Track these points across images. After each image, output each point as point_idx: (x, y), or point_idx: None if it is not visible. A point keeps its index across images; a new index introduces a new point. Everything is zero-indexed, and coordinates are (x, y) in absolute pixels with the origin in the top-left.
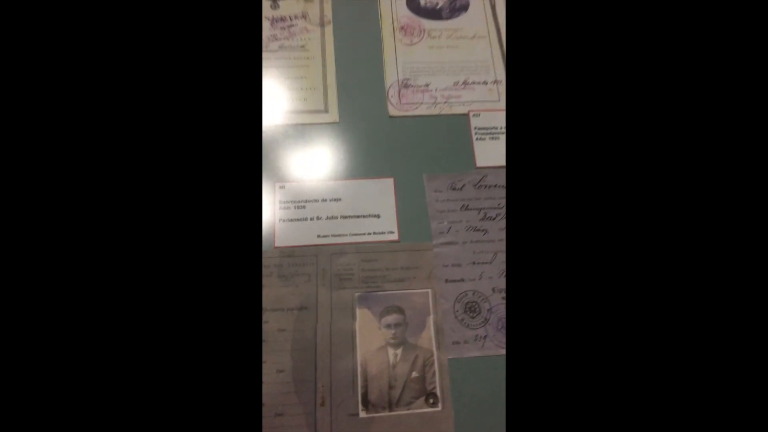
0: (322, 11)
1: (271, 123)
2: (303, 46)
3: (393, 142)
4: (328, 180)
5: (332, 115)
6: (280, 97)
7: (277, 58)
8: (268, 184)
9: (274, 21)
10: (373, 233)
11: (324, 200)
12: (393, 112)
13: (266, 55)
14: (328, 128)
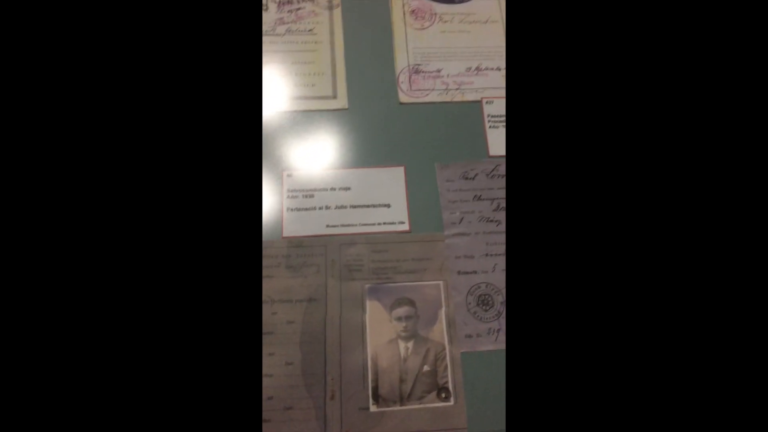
0: None
1: (277, 109)
2: (311, 30)
3: (403, 130)
4: (336, 168)
5: (341, 102)
6: (287, 83)
7: (284, 42)
8: (275, 172)
9: (281, 4)
10: (383, 223)
11: (333, 189)
12: (403, 98)
13: (273, 39)
14: (337, 115)
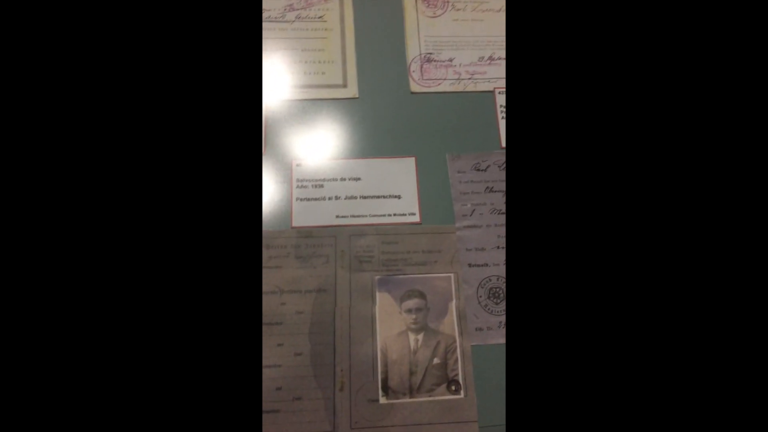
0: None
1: (286, 98)
2: (321, 17)
3: (415, 120)
4: (346, 158)
5: (351, 90)
6: (296, 71)
7: (294, 29)
8: (284, 162)
9: None
10: (394, 214)
11: (343, 179)
12: (415, 87)
13: (282, 26)
14: (347, 104)
